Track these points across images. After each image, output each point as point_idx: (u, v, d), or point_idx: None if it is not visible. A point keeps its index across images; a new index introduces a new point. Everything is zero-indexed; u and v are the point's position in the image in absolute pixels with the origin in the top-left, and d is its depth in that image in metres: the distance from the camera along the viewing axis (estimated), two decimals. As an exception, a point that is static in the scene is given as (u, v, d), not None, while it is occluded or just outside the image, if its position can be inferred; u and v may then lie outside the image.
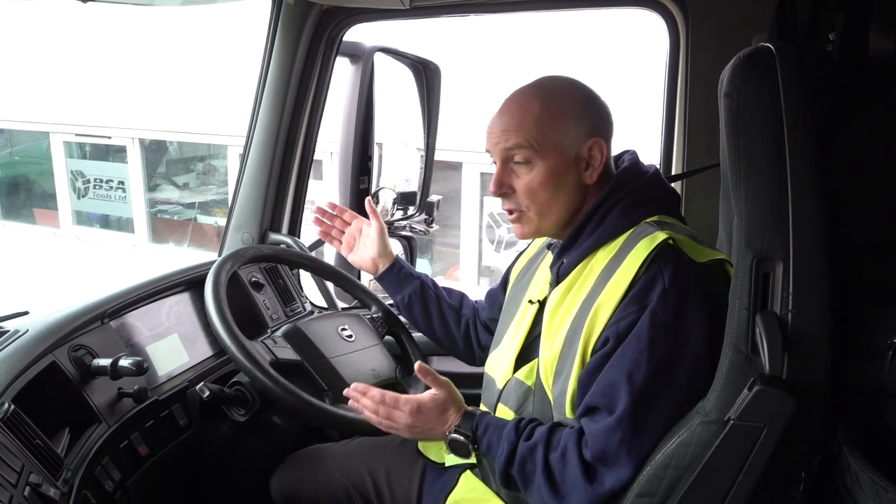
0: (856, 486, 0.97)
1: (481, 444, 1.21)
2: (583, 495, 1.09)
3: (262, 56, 1.87)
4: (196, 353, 1.65)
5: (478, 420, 1.23)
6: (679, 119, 1.82)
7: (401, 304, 1.63)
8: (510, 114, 1.21)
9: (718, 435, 0.98)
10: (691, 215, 1.80)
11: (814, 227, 0.94)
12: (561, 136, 1.19)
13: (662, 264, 1.08)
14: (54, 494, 1.08)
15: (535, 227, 1.25)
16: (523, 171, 1.21)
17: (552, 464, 1.12)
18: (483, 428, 1.22)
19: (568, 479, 1.11)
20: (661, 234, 1.11)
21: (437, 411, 1.25)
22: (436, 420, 1.24)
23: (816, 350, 0.95)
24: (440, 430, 1.25)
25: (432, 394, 1.26)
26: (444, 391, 1.26)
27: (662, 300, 1.06)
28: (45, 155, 9.16)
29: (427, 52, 2.20)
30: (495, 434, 1.20)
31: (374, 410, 1.27)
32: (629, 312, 1.08)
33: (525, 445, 1.15)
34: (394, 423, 1.26)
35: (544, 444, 1.14)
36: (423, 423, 1.25)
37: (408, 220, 2.32)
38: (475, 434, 1.22)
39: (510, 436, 1.18)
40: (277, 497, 1.55)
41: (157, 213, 8.95)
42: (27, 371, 1.22)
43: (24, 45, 8.47)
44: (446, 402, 1.25)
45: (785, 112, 0.94)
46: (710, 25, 1.73)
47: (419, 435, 1.27)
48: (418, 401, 1.25)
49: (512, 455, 1.16)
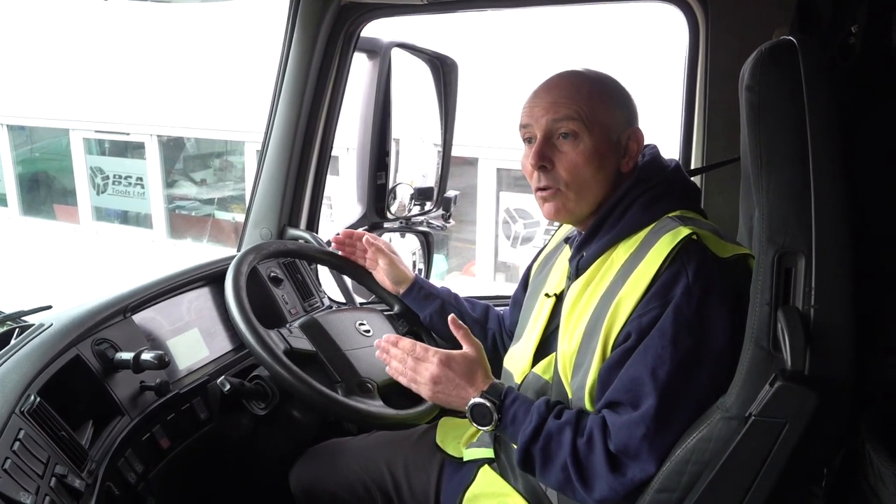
0: (879, 482, 0.96)
1: (506, 415, 1.18)
2: (605, 483, 1.08)
3: (281, 52, 1.87)
4: (216, 347, 1.67)
5: (507, 390, 1.20)
6: (699, 113, 1.81)
7: (425, 323, 1.67)
8: (560, 88, 1.21)
9: (739, 431, 0.98)
10: (711, 210, 1.79)
11: (836, 222, 0.93)
12: (609, 117, 1.19)
13: (685, 259, 1.07)
14: (79, 486, 1.10)
15: (570, 206, 1.22)
16: (568, 145, 1.19)
17: (579, 447, 1.11)
18: (512, 398, 1.19)
19: (593, 465, 1.09)
20: (685, 229, 1.10)
21: (466, 370, 1.21)
22: (462, 379, 1.21)
23: (839, 345, 0.95)
24: (463, 393, 1.21)
25: (464, 351, 1.24)
26: (476, 351, 1.24)
27: (686, 296, 1.05)
28: (65, 151, 9.27)
29: (444, 47, 2.20)
30: (523, 407, 1.17)
31: (401, 361, 1.25)
32: (652, 307, 1.07)
33: (555, 423, 1.13)
34: (418, 377, 1.23)
35: (573, 427, 1.12)
36: (449, 380, 1.21)
37: (424, 216, 2.32)
38: (502, 402, 1.18)
39: (541, 410, 1.15)
40: (297, 490, 1.57)
41: (175, 209, 9.03)
42: (52, 364, 1.23)
43: (45, 42, 8.56)
44: (475, 362, 1.23)
45: (807, 105, 0.93)
46: (731, 19, 1.72)
47: (439, 394, 1.22)
48: (448, 354, 1.22)
49: (539, 430, 1.14)
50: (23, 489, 0.98)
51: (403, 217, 2.27)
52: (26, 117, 9.54)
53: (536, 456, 1.14)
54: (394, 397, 1.45)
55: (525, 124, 1.23)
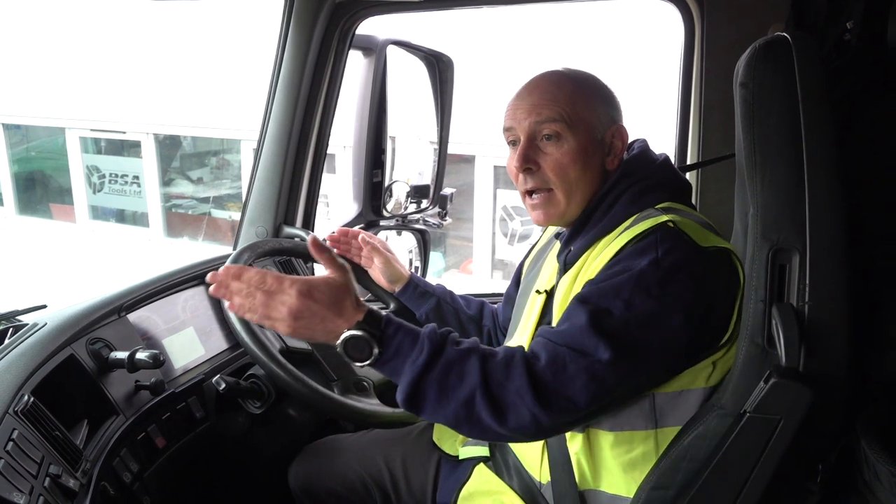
0: (874, 478, 0.96)
1: (388, 346, 1.02)
2: (526, 411, 0.98)
3: (276, 50, 1.87)
4: (211, 346, 1.67)
5: (387, 318, 1.04)
6: (694, 109, 1.81)
7: (420, 320, 1.65)
8: (541, 90, 1.20)
9: (734, 427, 0.98)
10: (706, 206, 1.80)
11: (831, 218, 0.94)
12: (592, 116, 1.19)
13: (659, 239, 1.05)
14: (74, 485, 1.09)
15: (560, 209, 1.22)
16: (552, 146, 1.19)
17: (492, 372, 0.99)
18: (395, 327, 1.03)
19: (511, 392, 0.99)
20: (664, 216, 1.09)
21: (332, 298, 1.01)
22: (328, 310, 1.01)
23: (834, 342, 0.95)
24: (331, 326, 1.01)
25: (326, 277, 1.04)
26: (342, 276, 1.04)
27: (653, 266, 1.02)
28: (61, 150, 9.25)
29: (440, 44, 2.20)
30: (409, 336, 1.03)
31: (248, 296, 1.01)
32: (614, 272, 1.05)
33: (455, 350, 1.01)
34: (273, 312, 1.01)
35: (480, 352, 1.01)
36: (313, 313, 1.00)
37: (421, 214, 2.32)
38: (383, 332, 1.02)
39: (433, 336, 1.02)
40: (295, 488, 1.57)
41: (171, 207, 9.02)
42: (46, 364, 1.23)
43: (41, 41, 8.53)
44: (342, 290, 1.03)
45: (802, 102, 0.93)
46: (726, 15, 1.72)
47: (302, 329, 1.01)
48: (309, 281, 1.02)
49: (434, 359, 1.00)
50: (16, 489, 0.97)
51: (400, 215, 2.26)
52: (22, 116, 9.52)
53: (429, 389, 1.01)
54: (390, 395, 1.45)
55: (508, 127, 1.23)
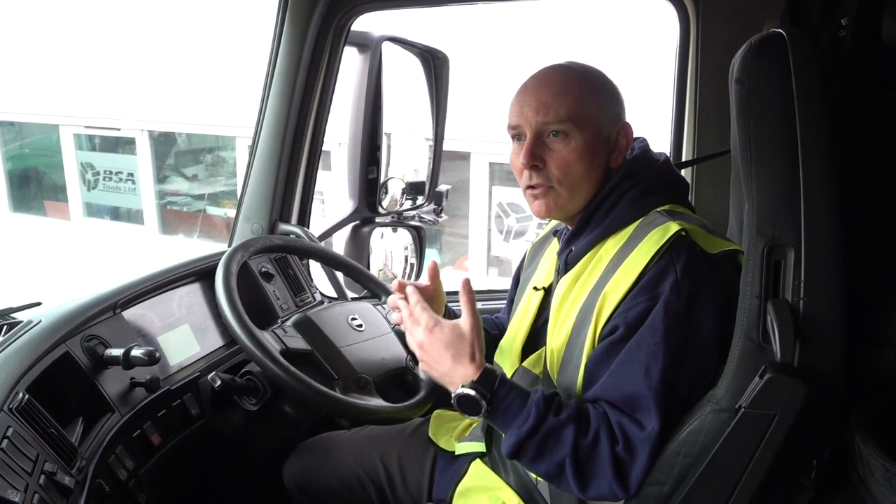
0: (868, 473, 0.97)
1: (498, 406, 1.11)
2: (605, 483, 1.07)
3: (271, 46, 1.86)
4: (207, 343, 1.66)
5: (501, 378, 1.12)
6: (689, 106, 1.81)
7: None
8: (549, 85, 1.19)
9: (729, 423, 0.98)
10: (702, 203, 1.80)
11: (826, 214, 0.94)
12: (599, 113, 1.19)
13: (674, 255, 1.07)
14: (69, 482, 1.09)
15: (562, 203, 1.21)
16: (559, 143, 1.18)
17: (582, 447, 1.07)
18: (507, 389, 1.12)
19: (595, 466, 1.07)
20: (674, 224, 1.10)
21: (450, 341, 1.13)
22: (445, 350, 1.13)
23: (828, 338, 0.95)
24: (447, 369, 1.13)
25: (455, 322, 1.15)
26: (470, 325, 1.14)
27: (675, 291, 1.05)
28: (55, 147, 9.22)
29: (435, 41, 2.19)
30: (518, 400, 1.11)
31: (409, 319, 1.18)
32: (639, 301, 1.07)
33: (555, 420, 1.09)
34: (413, 339, 1.18)
35: (575, 425, 1.08)
36: (432, 349, 1.14)
37: (416, 210, 2.32)
38: (494, 392, 1.11)
39: (539, 405, 1.09)
40: (290, 484, 1.57)
41: (166, 204, 9.00)
42: (41, 361, 1.22)
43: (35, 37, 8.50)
44: (462, 336, 1.13)
45: (797, 98, 0.93)
46: (721, 11, 1.72)
47: (426, 362, 1.16)
48: (437, 320, 1.15)
49: (538, 426, 1.08)
50: (12, 487, 0.97)
51: (395, 211, 2.26)
52: (16, 113, 9.48)
53: (529, 450, 1.10)
54: (389, 391, 1.46)
55: (515, 125, 1.22)
